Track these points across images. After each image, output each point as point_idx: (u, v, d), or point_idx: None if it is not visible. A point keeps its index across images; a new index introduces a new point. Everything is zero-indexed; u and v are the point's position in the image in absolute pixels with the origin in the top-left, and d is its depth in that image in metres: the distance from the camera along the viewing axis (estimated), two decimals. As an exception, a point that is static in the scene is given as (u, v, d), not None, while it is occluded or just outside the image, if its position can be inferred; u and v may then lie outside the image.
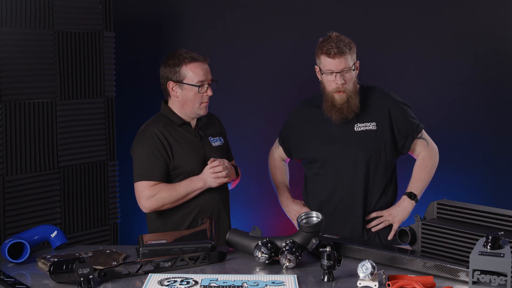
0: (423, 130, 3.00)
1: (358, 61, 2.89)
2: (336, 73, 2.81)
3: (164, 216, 2.82)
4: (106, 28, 3.57)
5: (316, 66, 2.91)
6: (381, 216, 2.94)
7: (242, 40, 4.21)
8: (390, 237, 2.95)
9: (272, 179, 3.19)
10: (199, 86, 2.79)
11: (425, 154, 3.00)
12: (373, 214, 2.94)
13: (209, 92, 2.83)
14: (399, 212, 2.93)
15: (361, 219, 2.92)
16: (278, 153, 3.16)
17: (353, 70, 2.85)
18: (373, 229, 2.94)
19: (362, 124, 2.91)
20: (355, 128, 2.91)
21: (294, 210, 3.04)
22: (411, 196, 2.95)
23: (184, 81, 2.80)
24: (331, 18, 4.17)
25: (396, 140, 2.94)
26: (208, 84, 2.82)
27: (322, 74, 2.87)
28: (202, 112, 2.85)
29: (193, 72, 2.79)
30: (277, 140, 3.16)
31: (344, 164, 2.91)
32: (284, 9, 4.19)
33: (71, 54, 3.42)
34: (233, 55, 4.19)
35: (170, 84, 2.82)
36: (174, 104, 2.86)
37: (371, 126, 2.91)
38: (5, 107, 3.18)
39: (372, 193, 2.93)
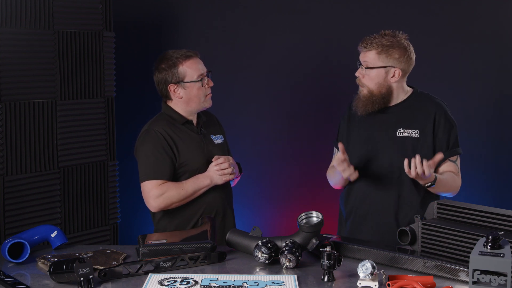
0: (459, 158, 2.81)
1: (397, 69, 2.73)
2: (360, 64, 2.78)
3: (170, 215, 2.81)
4: (106, 28, 3.57)
5: None
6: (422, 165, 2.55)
7: (242, 40, 4.21)
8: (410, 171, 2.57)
9: (334, 176, 2.90)
10: (201, 80, 2.80)
11: (456, 176, 2.78)
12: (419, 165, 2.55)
13: (210, 83, 2.84)
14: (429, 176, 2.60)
15: (394, 228, 2.65)
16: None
17: (372, 69, 2.72)
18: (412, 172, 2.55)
19: (405, 130, 2.77)
20: (397, 133, 2.78)
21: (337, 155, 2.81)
22: (433, 182, 2.66)
23: (185, 80, 2.80)
24: (331, 18, 4.18)
25: (435, 153, 2.73)
26: (206, 76, 2.83)
27: None
28: (208, 104, 2.85)
29: (191, 69, 2.79)
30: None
31: (378, 167, 2.77)
32: (284, 9, 4.19)
33: (71, 54, 3.42)
34: (233, 55, 4.18)
35: (171, 87, 2.81)
36: (178, 105, 2.84)
37: (414, 134, 2.76)
38: (5, 107, 3.18)
39: (408, 204, 2.76)
